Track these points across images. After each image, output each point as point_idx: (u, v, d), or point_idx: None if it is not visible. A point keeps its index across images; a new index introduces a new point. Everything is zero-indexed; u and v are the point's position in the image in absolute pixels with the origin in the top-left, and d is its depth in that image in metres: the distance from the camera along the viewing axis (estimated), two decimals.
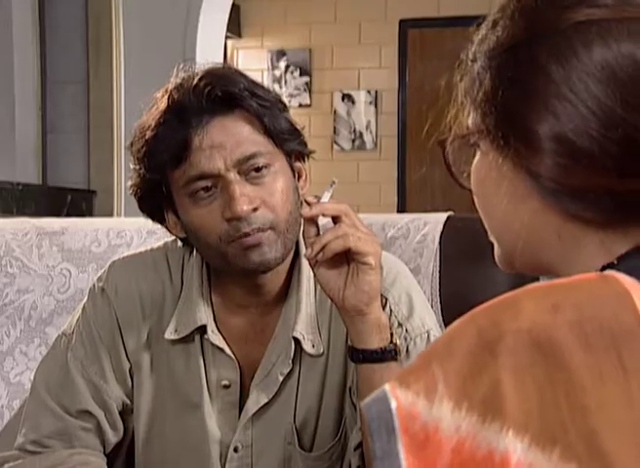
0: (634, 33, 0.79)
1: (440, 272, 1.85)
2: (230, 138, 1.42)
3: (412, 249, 1.87)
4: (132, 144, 1.47)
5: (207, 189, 1.42)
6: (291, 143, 1.48)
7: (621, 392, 0.67)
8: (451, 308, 1.79)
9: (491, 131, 0.84)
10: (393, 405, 0.69)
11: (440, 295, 1.84)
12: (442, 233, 1.87)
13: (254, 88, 1.45)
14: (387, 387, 0.70)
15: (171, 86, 1.46)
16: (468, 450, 0.66)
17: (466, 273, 1.81)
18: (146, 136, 1.44)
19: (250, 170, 1.42)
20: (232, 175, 1.41)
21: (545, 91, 0.80)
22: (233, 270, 1.47)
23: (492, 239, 0.92)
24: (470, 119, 0.88)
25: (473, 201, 0.92)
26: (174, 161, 1.42)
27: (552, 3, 0.82)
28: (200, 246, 1.49)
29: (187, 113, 1.42)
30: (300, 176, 1.52)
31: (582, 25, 0.80)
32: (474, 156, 0.89)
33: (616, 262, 0.79)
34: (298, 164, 1.51)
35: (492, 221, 0.89)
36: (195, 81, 1.43)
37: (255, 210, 1.41)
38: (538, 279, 0.93)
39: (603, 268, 0.78)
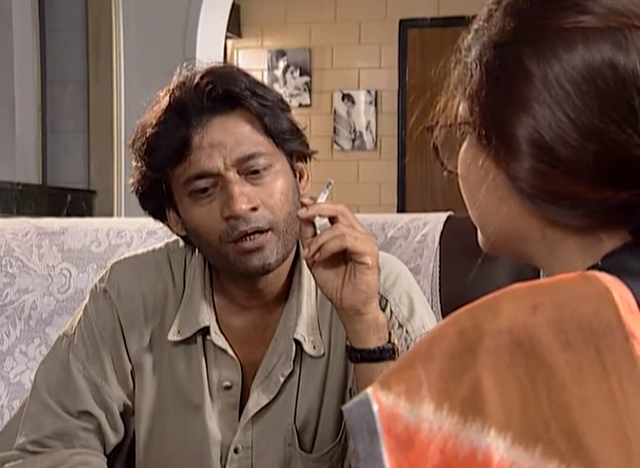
0: (617, 43, 0.79)
1: (440, 272, 1.85)
2: (230, 138, 1.42)
3: (412, 249, 1.87)
4: (133, 142, 1.47)
5: (206, 189, 1.42)
6: (292, 144, 1.48)
7: (602, 388, 0.68)
8: (451, 308, 1.78)
9: (476, 128, 0.84)
10: (375, 407, 0.69)
11: (440, 295, 1.84)
12: (442, 233, 1.87)
13: (255, 87, 1.44)
14: (369, 390, 0.70)
15: (173, 84, 1.46)
16: (451, 450, 0.67)
17: (466, 273, 1.81)
18: (147, 134, 1.44)
19: (249, 170, 1.42)
20: (232, 175, 1.41)
21: (527, 94, 0.80)
22: (234, 271, 1.47)
23: (474, 223, 0.92)
24: (461, 108, 0.88)
25: None
26: (174, 159, 1.43)
27: (542, 6, 0.82)
28: (201, 245, 1.49)
29: (188, 112, 1.42)
30: (301, 177, 1.52)
31: (567, 32, 0.80)
32: (462, 142, 0.89)
33: (600, 263, 0.79)
34: (299, 164, 1.51)
35: (475, 211, 0.90)
36: (197, 79, 1.43)
37: (254, 209, 1.41)
38: (538, 277, 0.93)
39: (588, 269, 0.79)
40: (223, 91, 1.42)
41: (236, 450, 1.51)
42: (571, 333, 0.69)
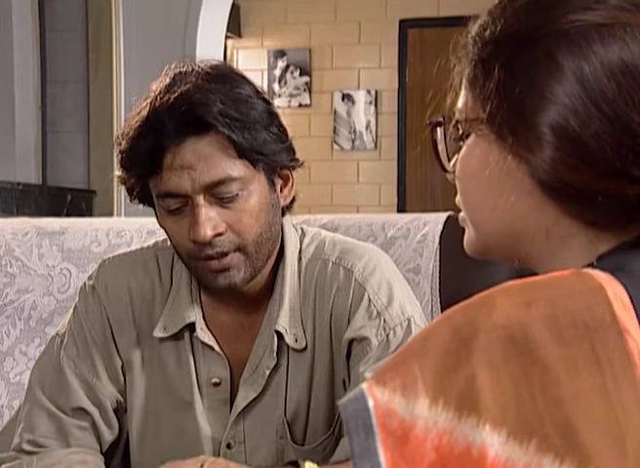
0: None
1: (440, 272, 1.85)
2: (201, 162, 1.41)
3: (412, 249, 1.87)
4: (117, 143, 1.47)
5: (178, 205, 1.43)
6: (271, 159, 1.46)
7: (596, 383, 0.68)
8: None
9: (497, 123, 0.84)
10: (370, 403, 0.70)
11: (440, 295, 1.84)
12: (442, 233, 1.88)
13: (230, 108, 1.41)
14: (364, 386, 0.71)
15: (158, 87, 1.44)
16: (446, 446, 0.67)
17: (466, 273, 1.81)
18: (122, 147, 1.45)
19: (218, 196, 1.42)
20: (200, 199, 1.41)
21: (558, 89, 0.80)
22: (203, 283, 1.50)
23: (465, 224, 0.91)
24: (468, 105, 0.87)
25: None
26: (147, 174, 1.44)
27: (572, 1, 0.82)
28: (174, 249, 1.51)
29: (163, 130, 1.41)
30: (285, 185, 1.51)
31: (604, 27, 0.80)
32: (463, 141, 0.88)
33: (595, 262, 0.79)
34: (284, 172, 1.50)
35: (476, 211, 0.89)
36: (172, 99, 1.41)
37: (220, 234, 1.42)
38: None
39: (582, 268, 0.79)
40: (196, 116, 1.40)
41: (229, 446, 1.53)
42: (565, 329, 0.69)
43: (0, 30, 4.43)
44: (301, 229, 1.58)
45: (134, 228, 2.03)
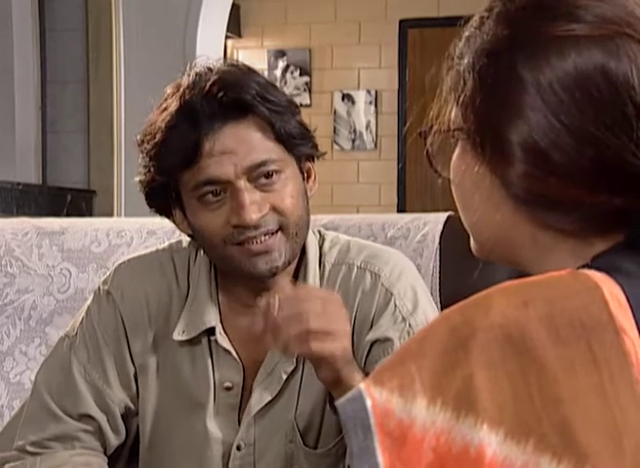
0: (609, 51, 0.80)
1: (440, 272, 1.85)
2: (242, 145, 1.41)
3: (412, 249, 1.87)
4: (142, 142, 1.47)
5: (215, 193, 1.42)
6: (302, 147, 1.48)
7: (593, 382, 0.69)
8: None
9: (470, 134, 0.85)
10: (368, 403, 0.70)
11: (440, 295, 1.84)
12: (442, 233, 1.87)
13: (266, 93, 1.44)
14: (362, 386, 0.71)
15: (183, 84, 1.45)
16: (444, 446, 0.68)
17: (466, 273, 1.81)
18: (157, 139, 1.44)
19: (260, 176, 1.42)
20: (242, 183, 1.41)
21: (520, 101, 0.81)
22: (239, 273, 1.47)
23: (467, 229, 0.93)
24: (453, 114, 0.88)
25: None
26: (183, 165, 1.42)
27: (535, 14, 0.83)
28: (205, 246, 1.50)
29: (199, 118, 1.41)
30: (308, 177, 1.52)
31: (560, 40, 0.81)
32: (455, 148, 0.90)
33: (590, 263, 0.80)
34: (307, 164, 1.52)
35: (468, 217, 0.90)
36: (207, 86, 1.42)
37: (263, 216, 1.42)
38: None
39: (578, 269, 0.79)
40: (234, 99, 1.41)
41: (239, 448, 1.51)
42: (562, 328, 0.70)
43: (0, 30, 4.43)
44: (319, 232, 1.58)
45: (134, 228, 2.03)
